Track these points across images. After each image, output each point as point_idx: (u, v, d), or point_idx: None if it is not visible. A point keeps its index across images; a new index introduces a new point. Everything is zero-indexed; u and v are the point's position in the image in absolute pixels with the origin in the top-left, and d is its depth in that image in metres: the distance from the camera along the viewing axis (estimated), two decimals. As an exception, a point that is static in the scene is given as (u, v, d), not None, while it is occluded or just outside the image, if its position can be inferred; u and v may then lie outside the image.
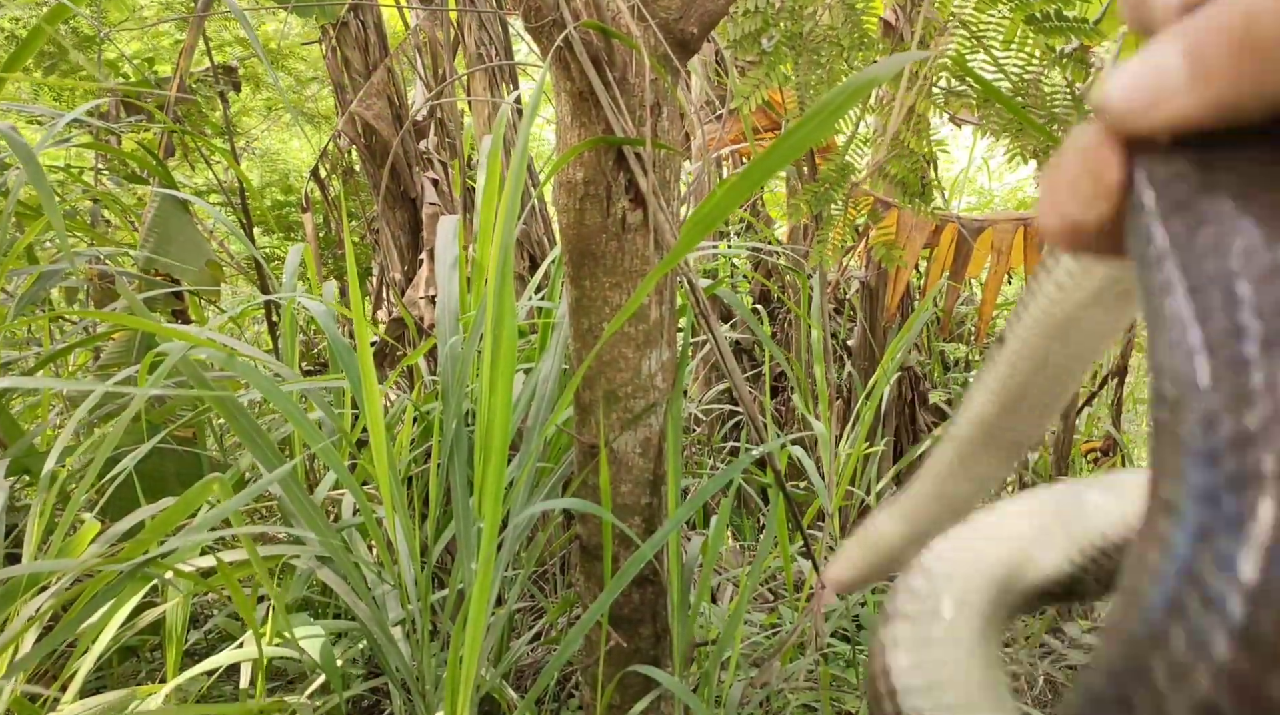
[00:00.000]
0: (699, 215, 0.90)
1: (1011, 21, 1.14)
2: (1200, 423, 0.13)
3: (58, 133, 1.69)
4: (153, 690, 1.13)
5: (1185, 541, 0.12)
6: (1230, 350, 0.13)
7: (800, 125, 0.80)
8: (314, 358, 3.02)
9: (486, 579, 0.98)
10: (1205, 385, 0.13)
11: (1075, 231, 0.17)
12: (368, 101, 2.44)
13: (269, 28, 3.86)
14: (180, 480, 1.65)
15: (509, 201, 0.99)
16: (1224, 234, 0.14)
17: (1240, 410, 0.12)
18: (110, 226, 2.82)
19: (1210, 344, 0.13)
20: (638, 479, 1.27)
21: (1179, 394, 0.13)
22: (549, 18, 1.09)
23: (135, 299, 1.43)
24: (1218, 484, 0.12)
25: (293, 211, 3.74)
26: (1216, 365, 0.13)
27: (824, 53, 1.21)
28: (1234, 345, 0.13)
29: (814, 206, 1.26)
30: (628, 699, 1.28)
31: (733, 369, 1.24)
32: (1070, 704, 0.14)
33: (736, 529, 2.48)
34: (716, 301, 2.75)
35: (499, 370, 1.00)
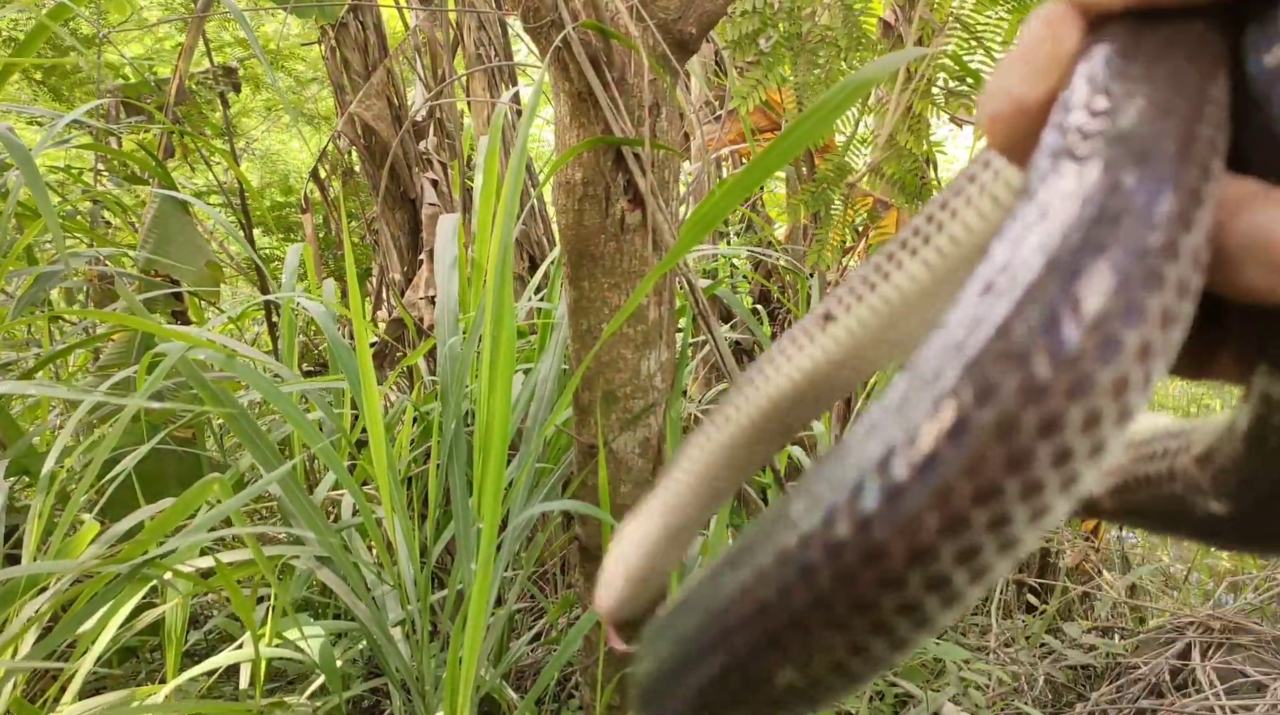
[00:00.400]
0: (698, 215, 0.90)
1: (1010, 22, 1.14)
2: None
3: (57, 134, 1.70)
4: (152, 691, 1.13)
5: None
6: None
7: (798, 124, 0.80)
8: (314, 358, 3.02)
9: (486, 579, 0.98)
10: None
11: (1016, 112, 0.17)
12: (367, 102, 2.44)
13: (268, 29, 3.86)
14: (180, 481, 1.65)
15: (508, 202, 0.99)
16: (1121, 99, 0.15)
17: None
18: (110, 227, 2.83)
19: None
20: (637, 479, 1.27)
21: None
22: (548, 18, 1.09)
23: (135, 300, 1.43)
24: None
25: (292, 212, 3.74)
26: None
27: (822, 53, 1.21)
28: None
29: (812, 205, 1.26)
30: (628, 699, 1.28)
31: (732, 369, 1.24)
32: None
33: (736, 529, 2.48)
34: (716, 302, 2.75)
35: (498, 371, 1.00)
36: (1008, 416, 0.13)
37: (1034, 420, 0.13)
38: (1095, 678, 1.86)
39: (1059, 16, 0.17)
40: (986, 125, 0.18)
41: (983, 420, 0.13)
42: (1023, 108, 0.17)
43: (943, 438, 0.13)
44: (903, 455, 0.14)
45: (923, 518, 0.13)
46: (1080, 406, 0.13)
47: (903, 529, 0.14)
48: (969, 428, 0.13)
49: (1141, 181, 0.14)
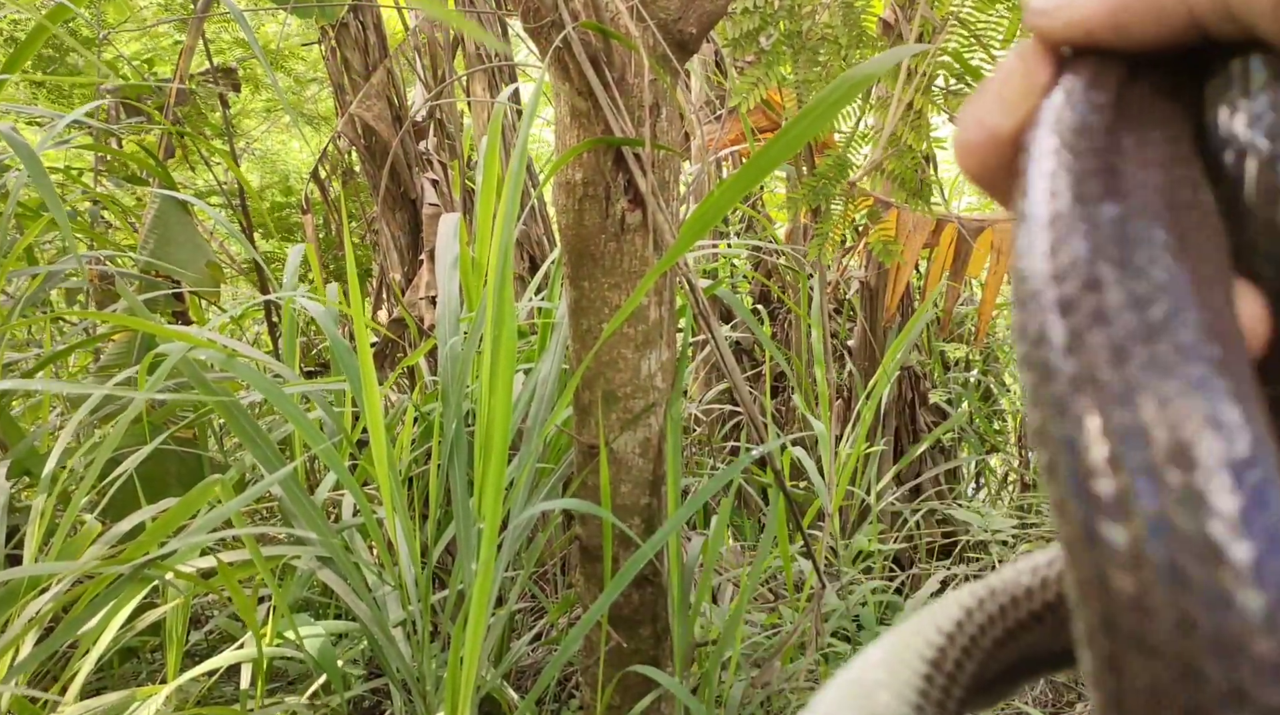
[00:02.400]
0: (698, 214, 0.90)
1: (1010, 21, 1.14)
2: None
3: (57, 134, 1.70)
4: (153, 691, 1.13)
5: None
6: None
7: (798, 120, 0.80)
8: (314, 358, 3.02)
9: (487, 580, 0.98)
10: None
11: (988, 142, 0.18)
12: (367, 102, 2.44)
13: (268, 29, 3.86)
14: (181, 481, 1.65)
15: (508, 202, 0.99)
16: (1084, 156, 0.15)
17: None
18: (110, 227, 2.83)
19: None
20: (637, 479, 1.27)
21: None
22: (548, 18, 1.09)
23: (136, 300, 1.43)
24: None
25: (293, 212, 3.74)
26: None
27: (822, 51, 1.21)
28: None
29: (811, 200, 1.26)
30: (628, 699, 1.28)
31: (733, 369, 1.24)
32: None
33: (737, 529, 2.48)
34: (716, 301, 2.75)
35: (499, 371, 1.00)
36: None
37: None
38: (1096, 677, 1.86)
39: (1031, 50, 0.17)
40: (959, 154, 0.18)
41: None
42: (995, 138, 0.18)
43: None
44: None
45: None
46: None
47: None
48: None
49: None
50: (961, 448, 3.03)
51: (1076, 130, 0.16)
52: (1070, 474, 0.13)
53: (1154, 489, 0.12)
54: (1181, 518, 0.12)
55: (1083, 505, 0.13)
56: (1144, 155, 0.15)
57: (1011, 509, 2.90)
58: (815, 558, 1.41)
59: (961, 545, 2.48)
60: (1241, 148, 0.15)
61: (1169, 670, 0.12)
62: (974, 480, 3.21)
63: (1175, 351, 0.13)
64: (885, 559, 2.29)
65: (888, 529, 2.49)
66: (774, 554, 1.66)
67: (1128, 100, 0.16)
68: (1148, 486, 0.12)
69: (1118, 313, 0.14)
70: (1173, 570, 0.12)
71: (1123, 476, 0.13)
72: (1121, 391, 0.13)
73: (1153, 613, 0.12)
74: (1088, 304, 0.14)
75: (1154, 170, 0.15)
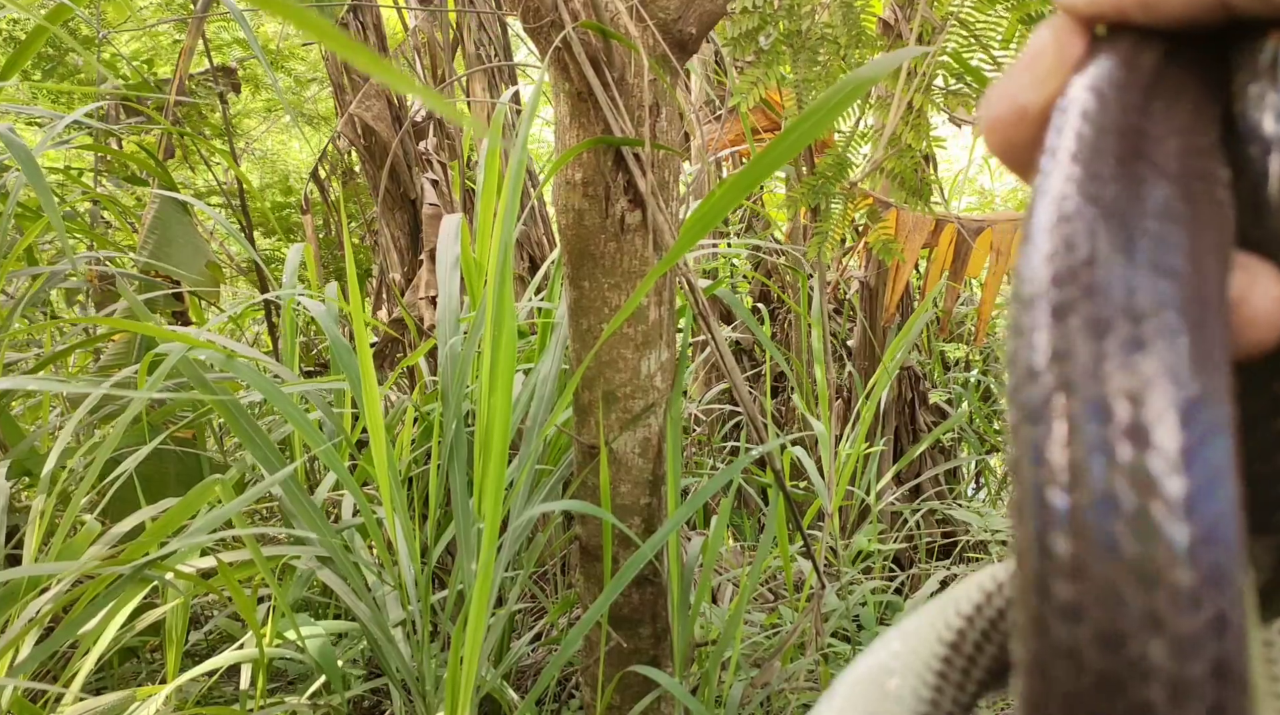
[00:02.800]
0: (698, 214, 0.90)
1: (1009, 21, 1.14)
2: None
3: (57, 134, 1.70)
4: (153, 691, 1.13)
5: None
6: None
7: (799, 122, 0.80)
8: (314, 358, 3.02)
9: (487, 580, 0.98)
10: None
11: (1016, 119, 0.17)
12: (367, 103, 2.44)
13: (268, 29, 3.86)
14: (180, 481, 1.65)
15: (508, 202, 0.99)
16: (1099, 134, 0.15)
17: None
18: (110, 228, 2.83)
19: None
20: (637, 479, 1.27)
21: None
22: (547, 18, 1.09)
23: (136, 300, 1.43)
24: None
25: (293, 213, 3.74)
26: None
27: (822, 51, 1.21)
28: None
29: (811, 200, 1.26)
30: (628, 699, 1.28)
31: (732, 369, 1.24)
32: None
33: (736, 529, 2.48)
34: (716, 301, 2.75)
35: (499, 371, 1.00)
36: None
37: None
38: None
39: (1063, 25, 0.17)
40: (986, 130, 0.18)
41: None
42: (1023, 114, 0.17)
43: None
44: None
45: None
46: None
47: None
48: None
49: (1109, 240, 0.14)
50: (961, 448, 3.03)
51: (1100, 108, 0.16)
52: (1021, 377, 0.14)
53: (1099, 420, 0.13)
54: (1124, 449, 0.13)
55: (1022, 413, 0.14)
56: (1162, 139, 0.15)
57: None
58: (815, 558, 1.41)
59: (961, 545, 2.48)
60: (1266, 143, 0.15)
61: (1091, 591, 0.12)
62: (974, 480, 3.21)
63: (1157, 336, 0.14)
64: (885, 559, 2.29)
65: (887, 529, 2.49)
66: (774, 554, 1.66)
67: (1154, 81, 0.16)
68: (1094, 415, 0.13)
69: (1108, 296, 0.14)
70: (1108, 497, 0.13)
71: (1072, 405, 0.13)
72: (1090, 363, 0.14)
73: (1084, 534, 0.13)
74: (1080, 286, 0.14)
75: (1170, 153, 0.15)
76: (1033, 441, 0.13)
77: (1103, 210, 0.15)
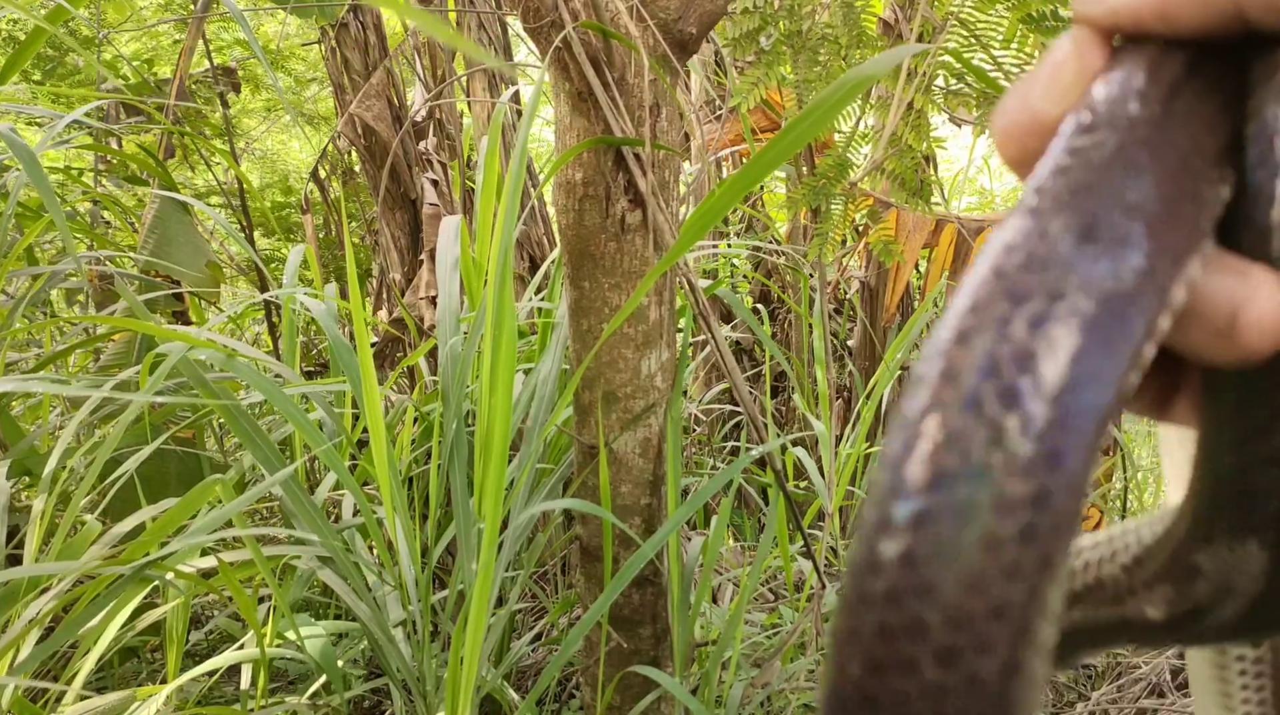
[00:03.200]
0: (698, 214, 0.90)
1: (1009, 21, 1.14)
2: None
3: (57, 134, 1.70)
4: (153, 691, 1.13)
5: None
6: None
7: (799, 121, 0.80)
8: (314, 358, 3.02)
9: (487, 580, 0.98)
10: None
11: (1031, 127, 0.17)
12: (367, 102, 2.44)
13: (268, 29, 3.86)
14: (181, 481, 1.65)
15: (508, 202, 0.99)
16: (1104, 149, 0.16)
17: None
18: (110, 228, 2.83)
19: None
20: (637, 480, 1.27)
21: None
22: (548, 18, 1.09)
23: (136, 300, 1.43)
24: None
25: (293, 213, 3.74)
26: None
27: (822, 51, 1.21)
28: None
29: (811, 200, 1.26)
30: (628, 699, 1.28)
31: (733, 369, 1.24)
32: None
33: (737, 529, 2.48)
34: (716, 301, 2.75)
35: (499, 371, 1.00)
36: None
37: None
38: (1096, 677, 1.87)
39: (1084, 36, 0.17)
40: (1000, 138, 0.18)
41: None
42: (1039, 124, 0.17)
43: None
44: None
45: None
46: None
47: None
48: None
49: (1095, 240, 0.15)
50: (961, 447, 3.02)
51: (1109, 117, 0.16)
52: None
53: (983, 375, 0.14)
54: (991, 406, 0.14)
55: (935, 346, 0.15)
56: (1161, 149, 0.16)
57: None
58: (815, 558, 1.41)
59: (961, 545, 2.47)
60: (1271, 169, 0.16)
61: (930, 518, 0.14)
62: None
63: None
64: (885, 559, 2.29)
65: (888, 529, 2.48)
66: (774, 554, 1.66)
67: (1168, 93, 0.16)
68: (980, 370, 0.14)
69: (1041, 272, 0.14)
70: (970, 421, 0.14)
71: (966, 356, 0.14)
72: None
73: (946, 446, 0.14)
74: (1022, 262, 0.15)
75: (1166, 162, 0.15)
76: (923, 379, 0.15)
77: (1074, 199, 0.15)
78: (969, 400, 0.14)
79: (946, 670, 0.13)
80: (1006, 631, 0.13)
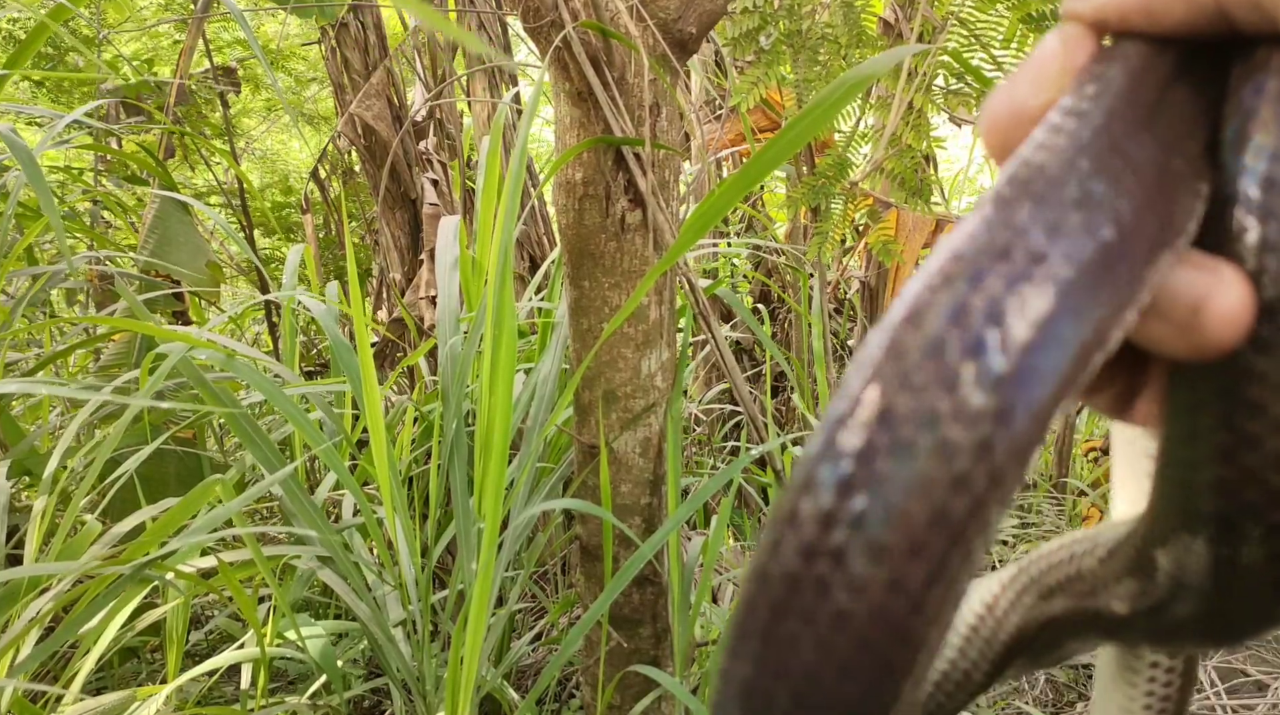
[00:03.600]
0: (698, 214, 0.90)
1: (1009, 21, 1.14)
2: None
3: (57, 134, 1.70)
4: (153, 691, 1.13)
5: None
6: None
7: (799, 120, 0.80)
8: (314, 358, 3.02)
9: (487, 579, 0.98)
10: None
11: (1014, 118, 0.18)
12: (367, 102, 2.44)
13: (268, 29, 3.86)
14: (181, 481, 1.65)
15: (508, 202, 0.99)
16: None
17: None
18: (110, 227, 2.83)
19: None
20: (638, 479, 1.27)
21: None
22: (547, 18, 1.09)
23: (135, 300, 1.43)
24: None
25: (293, 212, 3.74)
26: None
27: (822, 51, 1.21)
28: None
29: (811, 200, 1.26)
30: (628, 699, 1.28)
31: (733, 369, 1.24)
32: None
33: (737, 529, 2.48)
34: (716, 301, 2.75)
35: (499, 370, 1.00)
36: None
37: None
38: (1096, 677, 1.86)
39: (1073, 32, 0.18)
40: (985, 130, 0.18)
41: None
42: (1022, 115, 0.17)
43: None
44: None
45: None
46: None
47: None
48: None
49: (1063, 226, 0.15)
50: (962, 447, 3.02)
51: (1089, 108, 0.16)
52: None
53: (953, 320, 0.14)
54: (953, 353, 0.14)
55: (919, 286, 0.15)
56: (1141, 140, 0.16)
57: (1011, 508, 2.90)
58: (815, 557, 1.41)
59: (962, 545, 2.47)
60: (1238, 171, 0.16)
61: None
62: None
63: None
64: (885, 558, 2.29)
65: (888, 528, 2.49)
66: (774, 554, 1.65)
67: (1150, 90, 0.16)
68: (950, 315, 0.14)
69: (1029, 235, 0.15)
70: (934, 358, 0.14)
71: (946, 299, 0.15)
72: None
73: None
74: (1016, 226, 0.15)
75: (1144, 152, 0.16)
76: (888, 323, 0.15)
77: (1049, 186, 0.15)
78: (931, 344, 0.14)
79: (855, 595, 0.13)
80: (922, 570, 0.13)
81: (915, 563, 0.13)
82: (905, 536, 0.13)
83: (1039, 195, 0.15)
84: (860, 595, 0.13)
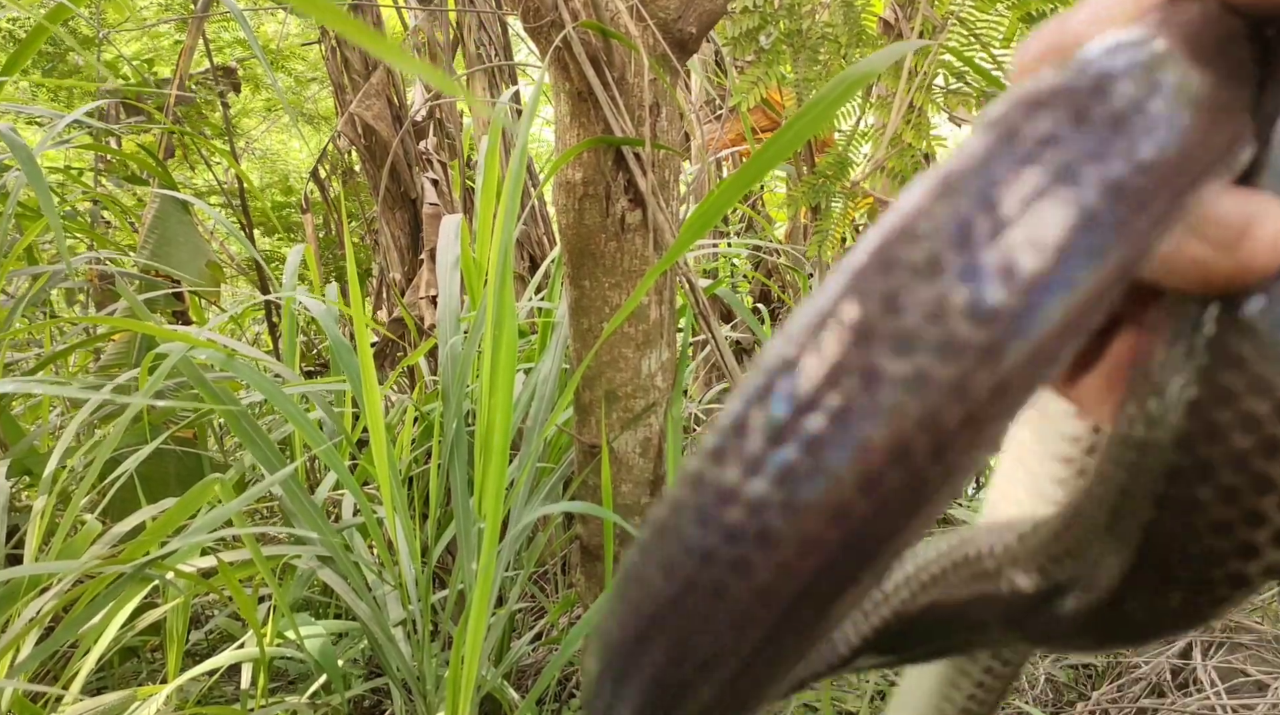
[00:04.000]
0: (698, 214, 0.90)
1: (1010, 20, 1.14)
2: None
3: (57, 134, 1.70)
4: (153, 691, 1.13)
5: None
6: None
7: (798, 118, 0.80)
8: (314, 358, 3.02)
9: (487, 579, 0.98)
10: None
11: (1060, 48, 0.17)
12: (367, 102, 2.44)
13: (268, 29, 3.86)
14: (181, 481, 1.65)
15: (508, 202, 0.99)
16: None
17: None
18: (110, 227, 2.83)
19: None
20: (638, 479, 1.27)
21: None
22: (548, 18, 1.09)
23: (136, 300, 1.43)
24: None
25: (293, 212, 3.74)
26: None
27: (822, 50, 1.21)
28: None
29: (811, 199, 1.26)
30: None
31: (733, 369, 1.24)
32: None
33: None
34: (716, 301, 2.75)
35: (499, 370, 1.00)
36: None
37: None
38: (1096, 677, 1.86)
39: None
40: (1026, 54, 0.18)
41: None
42: (1070, 43, 0.17)
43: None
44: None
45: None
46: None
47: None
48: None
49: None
50: (962, 447, 3.02)
51: (1145, 41, 0.15)
52: None
53: (956, 233, 0.13)
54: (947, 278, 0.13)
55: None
56: (1203, 73, 0.15)
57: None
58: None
59: (962, 545, 2.47)
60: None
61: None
62: (973, 479, 3.21)
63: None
64: (885, 558, 2.29)
65: (888, 528, 2.49)
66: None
67: (1206, 40, 0.16)
68: (955, 228, 0.13)
69: (1058, 147, 0.14)
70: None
71: (962, 204, 0.14)
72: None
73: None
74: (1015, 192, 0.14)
75: (1200, 93, 0.15)
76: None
77: (1094, 92, 0.14)
78: (925, 263, 0.13)
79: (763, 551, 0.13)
80: (843, 530, 0.13)
81: (867, 498, 0.13)
82: (858, 470, 0.12)
83: (1074, 107, 0.14)
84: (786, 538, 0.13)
